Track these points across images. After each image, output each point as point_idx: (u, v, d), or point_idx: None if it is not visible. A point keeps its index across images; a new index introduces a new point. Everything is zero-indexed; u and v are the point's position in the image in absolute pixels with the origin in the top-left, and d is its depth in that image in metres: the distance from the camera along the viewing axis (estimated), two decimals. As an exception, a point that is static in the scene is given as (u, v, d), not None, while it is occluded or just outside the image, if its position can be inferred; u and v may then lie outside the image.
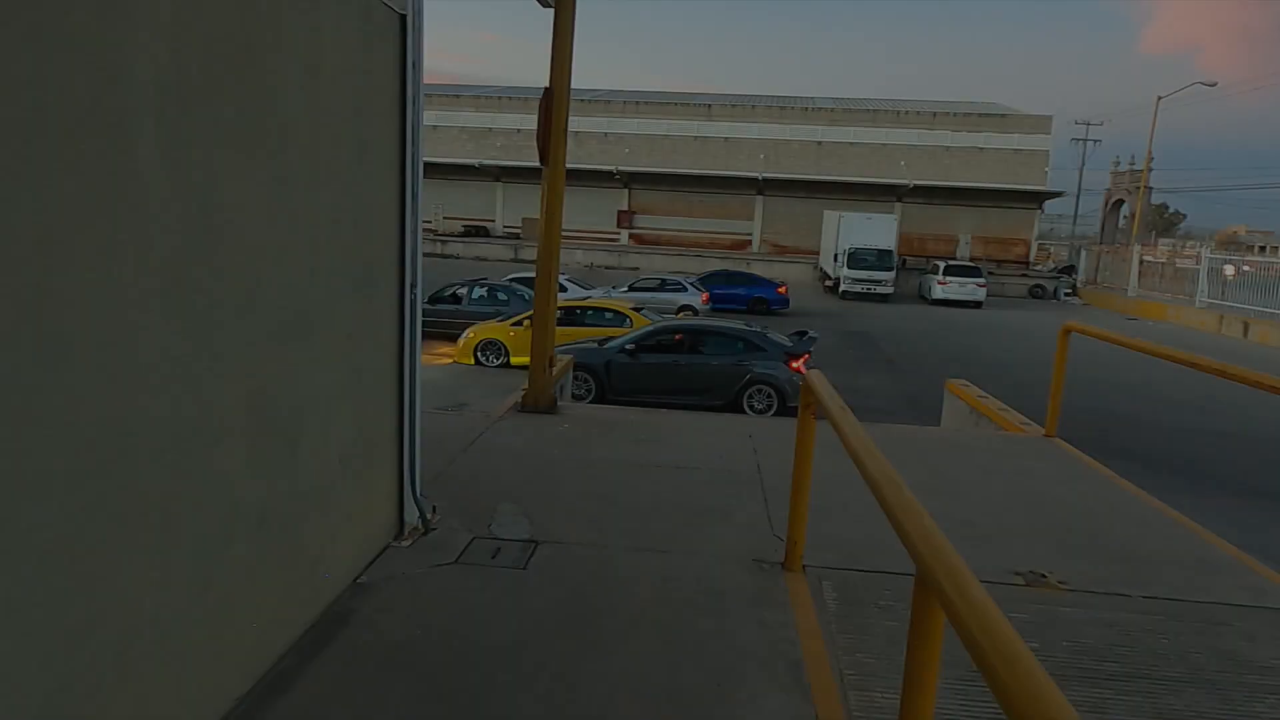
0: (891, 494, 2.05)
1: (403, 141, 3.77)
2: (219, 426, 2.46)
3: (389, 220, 3.70)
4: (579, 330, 14.94)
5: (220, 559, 2.48)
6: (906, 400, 14.39)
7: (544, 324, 6.69)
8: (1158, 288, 32.82)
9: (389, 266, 3.73)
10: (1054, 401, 6.72)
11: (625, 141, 44.50)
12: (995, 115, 42.88)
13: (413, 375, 3.95)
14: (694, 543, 4.12)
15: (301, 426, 2.94)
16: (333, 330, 3.18)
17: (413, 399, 3.97)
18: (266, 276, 2.69)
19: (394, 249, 3.77)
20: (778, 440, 6.18)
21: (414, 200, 3.85)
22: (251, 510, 2.65)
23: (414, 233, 3.86)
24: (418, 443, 4.04)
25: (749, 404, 11.90)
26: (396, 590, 3.46)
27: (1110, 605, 3.71)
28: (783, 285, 27.66)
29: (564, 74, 6.38)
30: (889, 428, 7.20)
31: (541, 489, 4.79)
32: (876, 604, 3.61)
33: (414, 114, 3.79)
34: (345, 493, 3.36)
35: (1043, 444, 6.57)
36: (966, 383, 8.76)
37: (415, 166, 3.84)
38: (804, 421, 3.68)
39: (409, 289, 3.88)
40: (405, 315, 3.88)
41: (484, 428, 6.05)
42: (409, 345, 3.91)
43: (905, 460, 5.83)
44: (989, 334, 24.35)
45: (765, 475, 5.27)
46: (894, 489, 2.09)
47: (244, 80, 2.48)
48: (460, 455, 5.36)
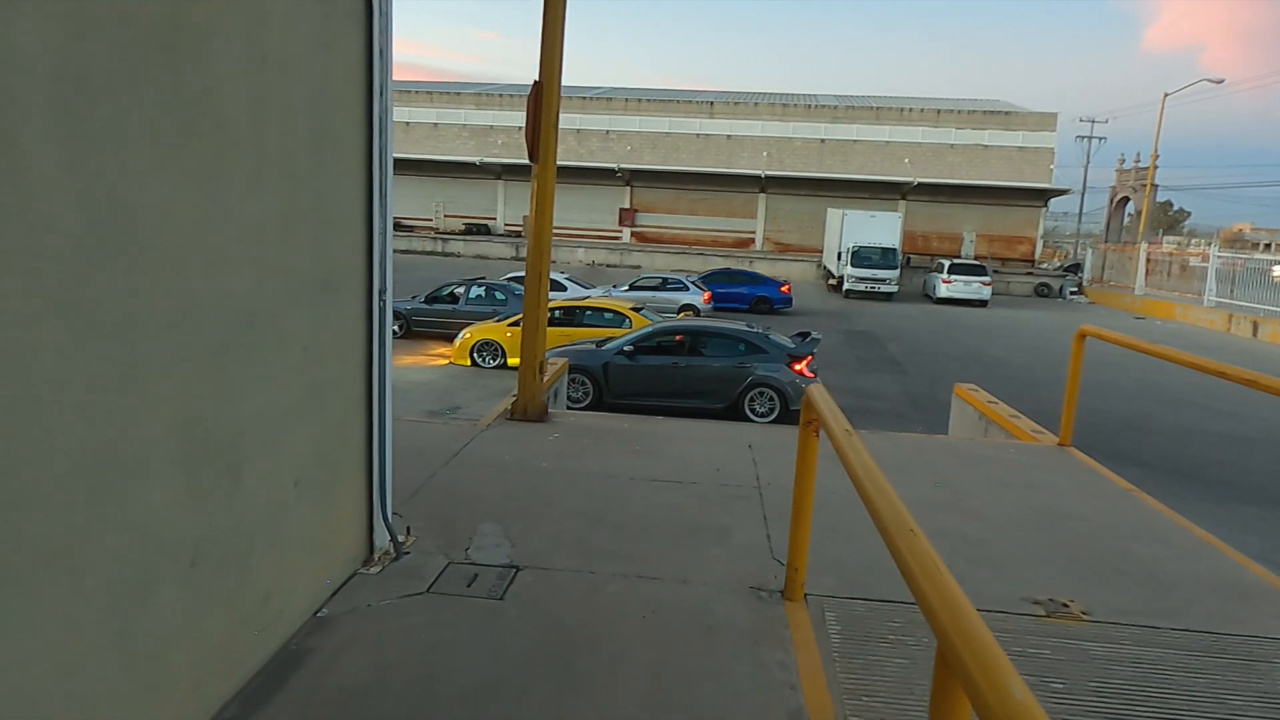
0: (907, 545, 1.75)
1: (369, 135, 3.48)
2: (141, 457, 2.17)
3: (353, 220, 3.41)
4: (577, 331, 14.66)
5: (142, 606, 2.19)
6: (911, 402, 14.08)
7: (534, 328, 6.40)
8: (1165, 286, 32.45)
9: (354, 271, 3.44)
10: (1068, 409, 6.41)
11: (627, 139, 44.18)
12: (1000, 113, 42.48)
13: (382, 387, 3.66)
14: (687, 568, 3.82)
15: (246, 451, 2.65)
16: (285, 343, 2.89)
17: (383, 413, 3.67)
18: (202, 287, 2.40)
19: (360, 251, 3.48)
20: (779, 450, 5.88)
21: (383, 198, 3.56)
22: (183, 548, 2.36)
23: (383, 233, 3.57)
24: (388, 460, 3.75)
25: (750, 407, 11.60)
26: (360, 625, 3.17)
27: (1139, 639, 3.41)
28: (786, 284, 27.34)
29: (554, 67, 6.08)
30: (896, 436, 6.89)
31: (526, 506, 4.50)
32: (884, 638, 3.31)
33: (381, 105, 3.50)
34: (301, 519, 3.06)
35: (1057, 454, 6.26)
36: (975, 387, 8.45)
37: (384, 162, 3.55)
38: (805, 439, 3.38)
39: (378, 295, 3.58)
40: (374, 323, 3.58)
41: (470, 438, 5.76)
42: (378, 355, 3.62)
43: (913, 472, 5.53)
44: (994, 334, 24.02)
45: (765, 490, 4.98)
46: (911, 541, 1.78)
47: (171, 69, 2.19)
48: (442, 468, 5.06)
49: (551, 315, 15.16)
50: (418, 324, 17.60)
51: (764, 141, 43.33)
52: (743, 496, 4.85)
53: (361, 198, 3.45)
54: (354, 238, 3.42)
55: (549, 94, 6.08)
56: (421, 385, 13.19)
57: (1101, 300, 35.70)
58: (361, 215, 3.47)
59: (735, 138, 43.52)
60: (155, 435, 2.22)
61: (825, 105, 43.95)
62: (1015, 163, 41.48)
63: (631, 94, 47.17)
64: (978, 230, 41.70)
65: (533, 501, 4.59)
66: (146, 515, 2.20)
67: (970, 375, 16.97)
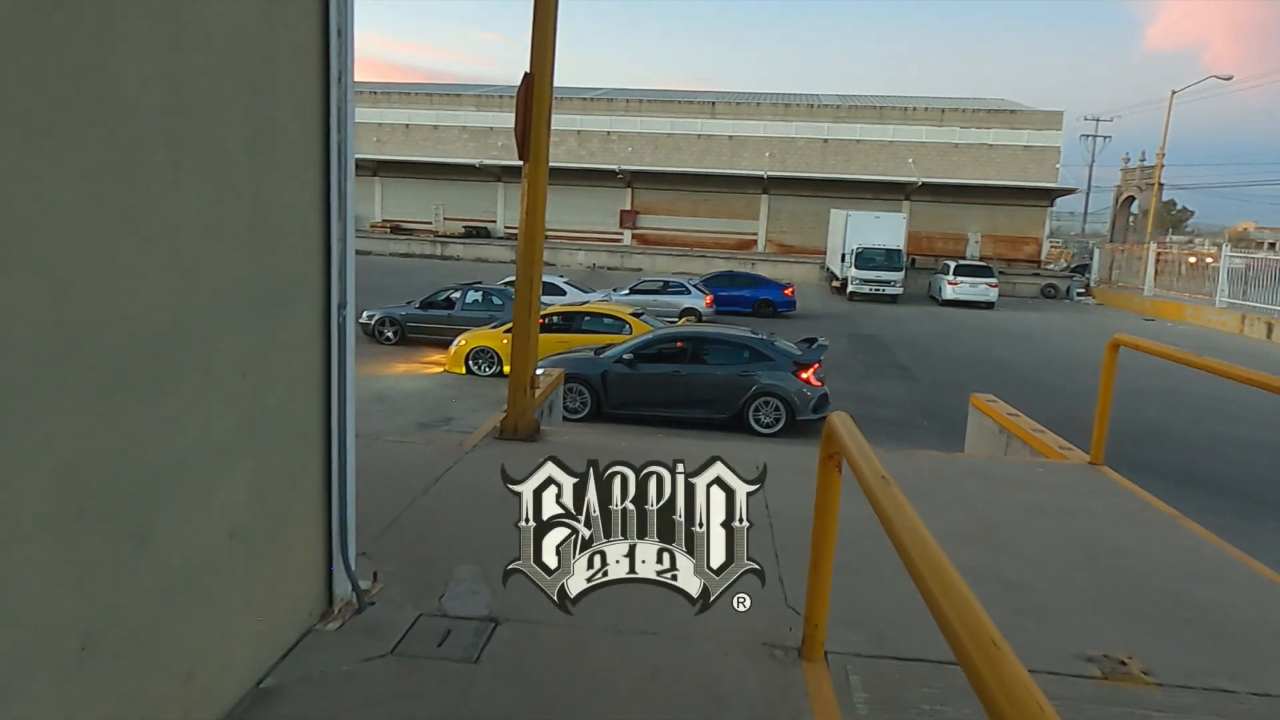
0: (968, 627, 1.29)
1: (326, 128, 3.03)
2: (5, 523, 1.72)
3: (306, 224, 2.96)
4: (575, 337, 14.21)
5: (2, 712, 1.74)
6: (921, 410, 13.62)
7: (525, 339, 5.94)
8: (1175, 287, 31.93)
9: (307, 282, 2.98)
10: (1100, 425, 5.94)
11: (628, 140, 43.74)
12: (1005, 111, 42.00)
13: (343, 414, 3.20)
14: (689, 620, 3.35)
15: (158, 505, 2.19)
16: (215, 369, 2.44)
17: (343, 443, 3.22)
18: (96, 306, 1.95)
19: (315, 260, 3.02)
20: (790, 473, 5.41)
21: (342, 199, 3.10)
22: (66, 632, 1.90)
23: (342, 239, 3.11)
24: (350, 497, 3.29)
25: (755, 417, 11.14)
26: (309, 698, 2.71)
27: (1213, 706, 2.95)
28: (789, 286, 26.87)
29: (546, 57, 5.62)
30: (914, 455, 6.43)
31: (510, 543, 4.03)
32: (918, 708, 2.86)
33: (341, 93, 3.05)
34: (237, 577, 2.61)
35: (1089, 474, 5.79)
36: (994, 398, 7.98)
37: (344, 159, 3.10)
38: (826, 475, 2.93)
39: (337, 309, 3.13)
40: (332, 341, 3.13)
41: (453, 460, 5.30)
42: (338, 378, 3.16)
43: (937, 497, 5.07)
44: (1003, 337, 23.54)
45: (777, 522, 4.52)
46: (973, 623, 1.33)
47: (48, 38, 1.75)
48: (420, 497, 4.61)
49: (549, 321, 14.72)
50: (412, 330, 17.15)
51: (766, 142, 42.87)
52: (752, 530, 4.38)
53: (316, 199, 3.00)
54: (306, 244, 2.97)
55: (541, 86, 5.63)
56: (413, 395, 12.75)
57: (1109, 301, 35.20)
58: (317, 219, 3.02)
59: (737, 138, 43.07)
60: (24, 494, 1.77)
61: (828, 105, 43.49)
62: (1021, 162, 40.99)
63: (633, 95, 46.74)
64: (983, 231, 41.21)
65: (518, 537, 4.12)
66: (12, 596, 1.75)
67: (980, 381, 16.50)
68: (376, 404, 11.99)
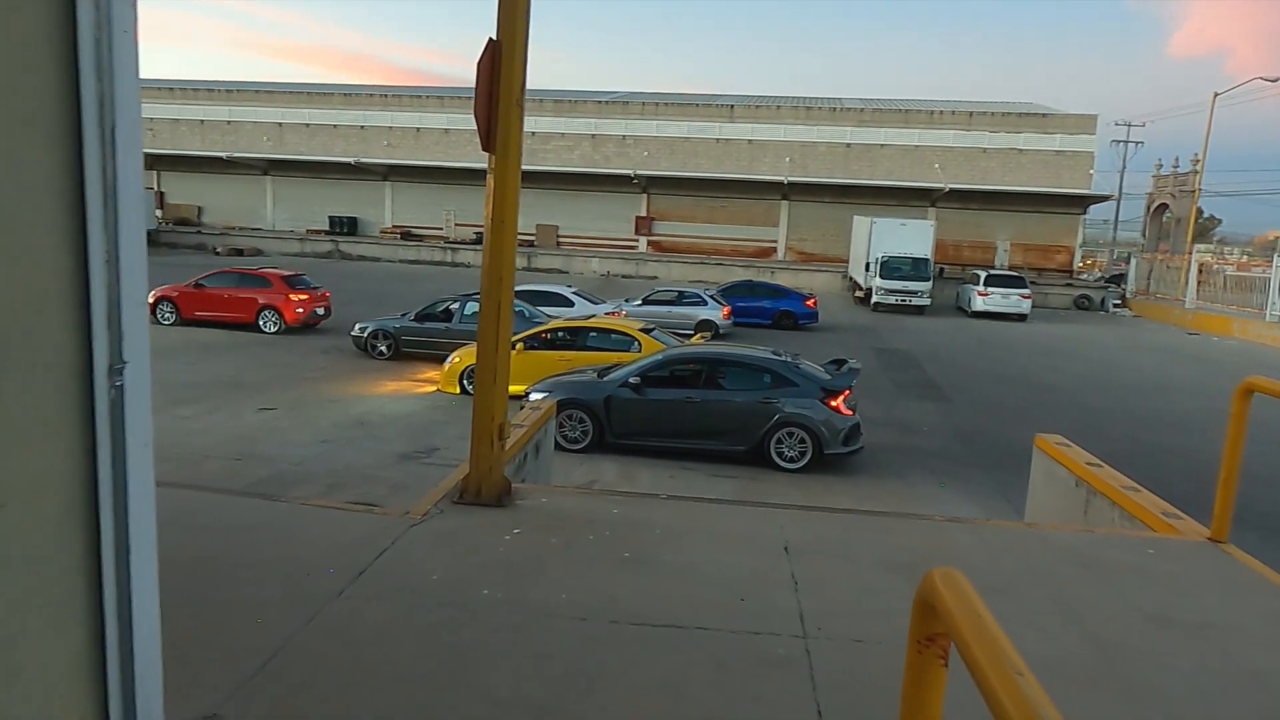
0: None
1: (76, 97, 1.82)
2: None
3: (37, 244, 1.75)
4: (579, 355, 12.99)
5: None
6: (960, 437, 12.27)
7: (490, 379, 4.72)
8: (1219, 299, 30.27)
9: (38, 334, 1.78)
10: (1224, 491, 4.65)
11: (644, 144, 42.53)
12: (1036, 115, 40.42)
13: (121, 529, 1.98)
14: None
15: None
16: None
17: (126, 579, 2.00)
18: None
19: (54, 299, 1.81)
20: (831, 558, 4.17)
21: (112, 200, 1.89)
22: None
23: (111, 263, 1.90)
24: (139, 657, 2.07)
25: (776, 450, 9.85)
26: None
27: None
28: (811, 297, 25.50)
29: (517, 21, 4.41)
30: (979, 527, 5.12)
31: (436, 693, 2.80)
32: None
33: (103, 53, 1.84)
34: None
35: (1213, 557, 4.49)
36: (1065, 441, 6.64)
37: (112, 142, 1.88)
38: (920, 668, 1.66)
39: (109, 374, 1.91)
40: (99, 426, 1.92)
41: (392, 538, 4.08)
42: (113, 482, 1.95)
43: (1023, 596, 3.79)
44: (1038, 352, 22.07)
45: (815, 644, 3.25)
46: None
47: None
48: (330, 604, 3.38)
49: (552, 336, 13.53)
50: (407, 344, 15.99)
51: (786, 146, 41.51)
52: (781, 663, 3.12)
53: (54, 203, 1.79)
54: (36, 275, 1.76)
55: (510, 58, 4.42)
56: (399, 419, 11.56)
57: (1147, 313, 33.56)
58: (60, 236, 1.81)
59: (756, 142, 41.74)
60: None
61: (851, 108, 42.11)
62: (1052, 167, 39.38)
63: (649, 98, 45.53)
64: (1012, 239, 39.64)
65: (450, 681, 2.89)
66: None
67: (1020, 403, 15.10)
68: (356, 430, 10.82)
